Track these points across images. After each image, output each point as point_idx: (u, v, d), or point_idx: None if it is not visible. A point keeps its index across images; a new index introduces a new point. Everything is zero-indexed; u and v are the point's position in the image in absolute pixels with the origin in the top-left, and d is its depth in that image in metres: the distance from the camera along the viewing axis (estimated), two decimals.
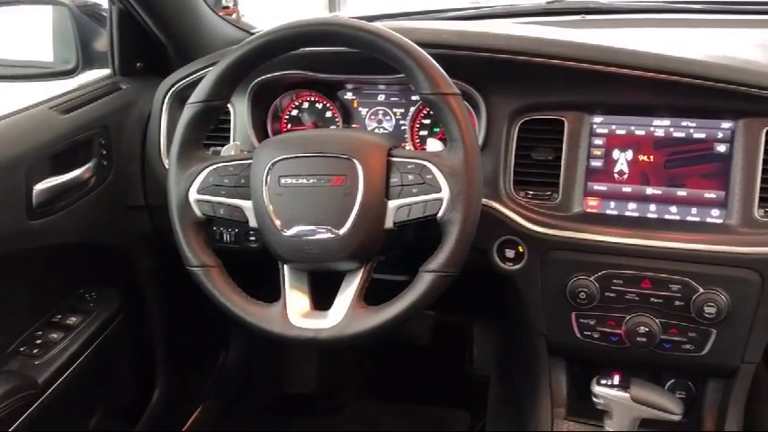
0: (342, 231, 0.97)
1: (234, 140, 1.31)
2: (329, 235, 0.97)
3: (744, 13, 1.45)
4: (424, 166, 0.97)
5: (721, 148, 1.09)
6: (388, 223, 0.98)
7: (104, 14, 1.39)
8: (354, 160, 0.97)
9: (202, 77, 1.05)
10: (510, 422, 1.46)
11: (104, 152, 1.30)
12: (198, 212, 1.04)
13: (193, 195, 1.04)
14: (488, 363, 1.81)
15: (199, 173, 1.04)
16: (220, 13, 1.52)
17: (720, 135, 1.09)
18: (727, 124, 1.09)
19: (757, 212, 1.07)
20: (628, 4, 1.55)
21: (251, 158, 1.04)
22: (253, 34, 1.12)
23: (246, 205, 1.03)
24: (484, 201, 1.13)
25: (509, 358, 1.54)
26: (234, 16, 1.73)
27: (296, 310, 1.01)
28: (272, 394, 2.00)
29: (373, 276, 1.05)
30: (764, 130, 1.06)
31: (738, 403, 1.16)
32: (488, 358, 1.82)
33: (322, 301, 1.04)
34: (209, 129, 1.08)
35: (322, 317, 1.00)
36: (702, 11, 1.48)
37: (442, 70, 0.96)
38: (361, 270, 1.01)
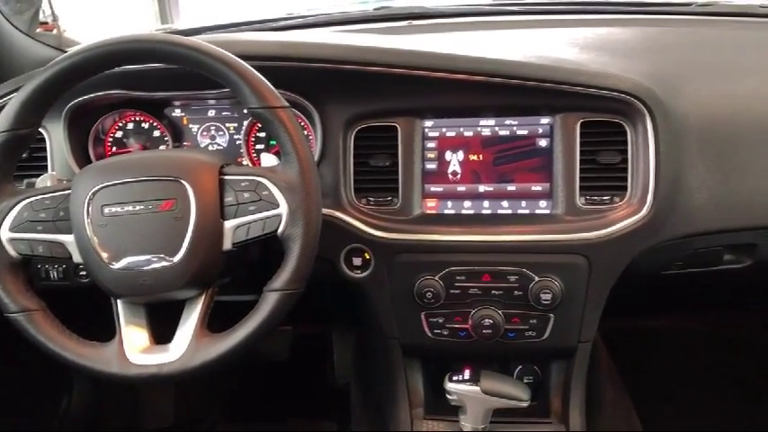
0: (176, 258, 0.92)
1: (51, 170, 1.20)
2: (163, 264, 0.92)
3: (559, 14, 1.54)
4: (259, 182, 0.94)
5: (543, 142, 1.16)
6: (227, 245, 0.94)
7: None
8: (183, 182, 0.93)
9: (6, 104, 0.95)
10: (372, 427, 1.46)
11: None
12: (13, 253, 0.95)
13: (6, 234, 0.95)
14: (349, 370, 1.81)
15: (10, 209, 0.95)
16: (39, 29, 1.39)
17: (541, 131, 1.16)
18: (545, 120, 1.16)
19: (579, 201, 1.14)
20: (453, 9, 1.60)
21: (69, 188, 0.96)
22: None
23: (68, 240, 0.95)
24: (326, 211, 1.13)
25: (367, 364, 1.55)
26: (54, 32, 1.59)
27: (134, 347, 0.95)
28: None
29: (220, 299, 1.01)
30: (579, 124, 1.13)
31: (579, 381, 1.24)
32: (349, 366, 1.82)
33: (163, 333, 0.98)
34: (18, 159, 0.98)
35: (164, 350, 0.94)
36: (522, 12, 1.57)
37: (268, 83, 0.94)
38: (203, 296, 0.97)
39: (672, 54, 1.28)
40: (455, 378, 1.13)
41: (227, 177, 0.95)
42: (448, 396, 1.14)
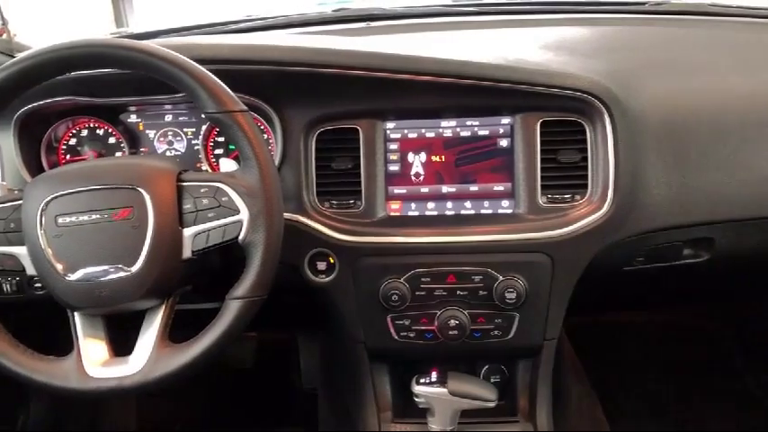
0: (135, 268, 0.90)
1: (1, 180, 1.16)
2: (121, 274, 0.90)
3: (518, 14, 1.55)
4: (219, 188, 0.93)
5: (504, 142, 1.16)
6: (186, 253, 0.92)
7: None
8: (140, 189, 0.91)
9: None
10: None
11: None
12: None
13: None
14: (316, 375, 1.79)
15: None
16: None
17: (502, 131, 1.16)
18: (506, 120, 1.16)
19: (541, 200, 1.15)
20: (412, 10, 1.60)
21: (21, 198, 0.93)
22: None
23: (21, 252, 0.92)
24: (289, 216, 1.11)
25: (334, 368, 1.54)
26: (4, 36, 1.54)
27: (93, 360, 0.92)
28: None
29: (182, 308, 0.99)
30: (539, 123, 1.14)
31: (546, 378, 1.25)
32: (316, 371, 1.80)
33: (123, 345, 0.96)
34: None
35: (124, 363, 0.92)
36: (480, 12, 1.57)
37: (226, 87, 0.92)
38: (163, 306, 0.95)
39: (628, 53, 1.30)
40: (422, 381, 1.12)
41: (185, 184, 0.93)
42: (415, 399, 1.14)
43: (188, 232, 0.92)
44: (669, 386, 1.81)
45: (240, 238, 0.91)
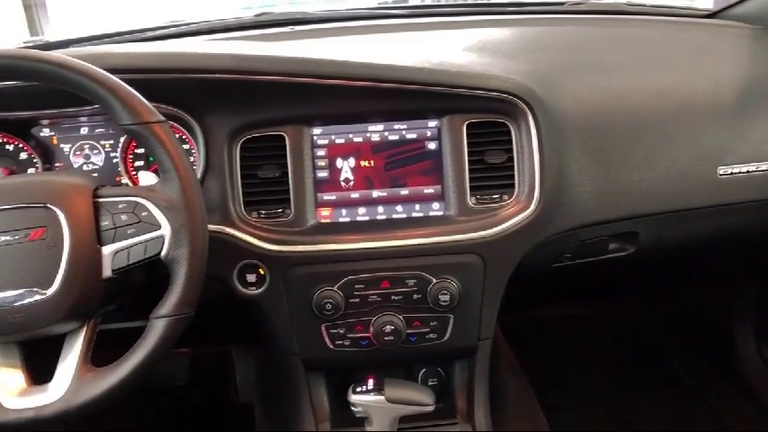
0: (50, 291, 0.85)
1: None
2: (36, 297, 0.85)
3: (441, 16, 1.56)
4: (138, 203, 0.89)
5: (432, 145, 1.16)
6: (107, 272, 0.88)
7: None
8: (53, 208, 0.86)
9: None
10: None
11: None
12: None
13: None
14: (252, 388, 1.75)
15: None
16: None
17: (429, 134, 1.16)
18: (433, 123, 1.16)
19: (470, 201, 1.15)
20: (336, 13, 1.58)
21: None
22: None
23: None
24: (215, 227, 1.08)
25: (270, 380, 1.51)
26: None
27: (9, 390, 0.87)
28: None
29: (107, 328, 0.95)
30: (465, 125, 1.15)
31: (482, 377, 1.26)
32: (252, 383, 1.76)
33: (43, 372, 0.90)
34: None
35: (43, 391, 0.87)
36: (404, 15, 1.57)
37: (141, 97, 0.89)
38: (84, 329, 0.90)
39: (549, 53, 1.32)
40: (359, 389, 1.11)
41: (101, 200, 0.89)
42: (353, 408, 1.12)
43: (107, 250, 0.88)
44: (604, 378, 1.86)
45: (163, 253, 0.88)
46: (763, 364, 1.73)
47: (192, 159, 1.13)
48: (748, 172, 1.25)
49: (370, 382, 1.12)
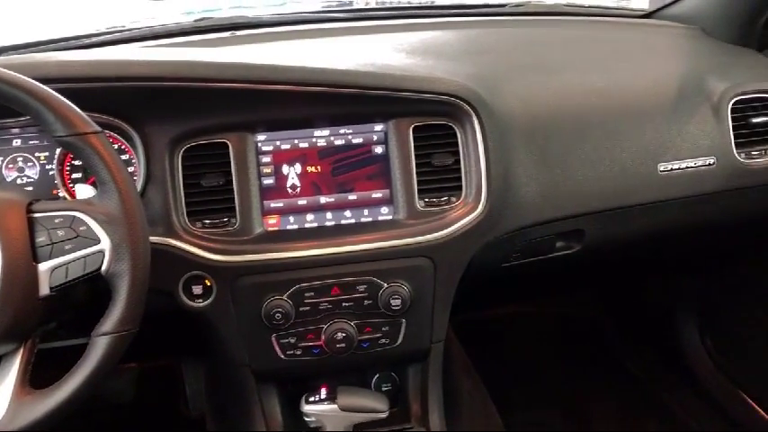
0: None
1: None
2: None
3: (385, 19, 1.56)
4: (75, 217, 0.85)
5: (379, 149, 1.16)
6: (44, 290, 0.84)
7: None
8: None
9: None
10: None
11: None
12: None
13: None
14: (203, 400, 1.72)
15: None
16: None
17: (375, 138, 1.15)
18: (379, 127, 1.15)
19: (419, 204, 1.15)
20: (277, 17, 1.56)
21: None
22: None
23: None
24: (158, 239, 1.05)
25: (221, 393, 1.48)
26: None
27: None
28: None
29: (47, 347, 0.91)
30: (411, 128, 1.14)
31: (436, 380, 1.26)
32: (202, 396, 1.73)
33: None
34: None
35: None
36: (347, 19, 1.56)
37: (75, 107, 0.85)
38: (21, 350, 0.86)
39: (492, 55, 1.33)
40: (311, 399, 1.10)
41: (36, 215, 0.85)
42: (306, 419, 1.11)
43: (44, 267, 0.84)
44: (557, 375, 1.88)
45: (103, 269, 0.85)
46: (707, 355, 1.78)
47: (131, 170, 1.10)
48: (687, 168, 1.28)
49: (323, 391, 1.11)
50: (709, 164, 1.29)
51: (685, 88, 1.33)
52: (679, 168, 1.28)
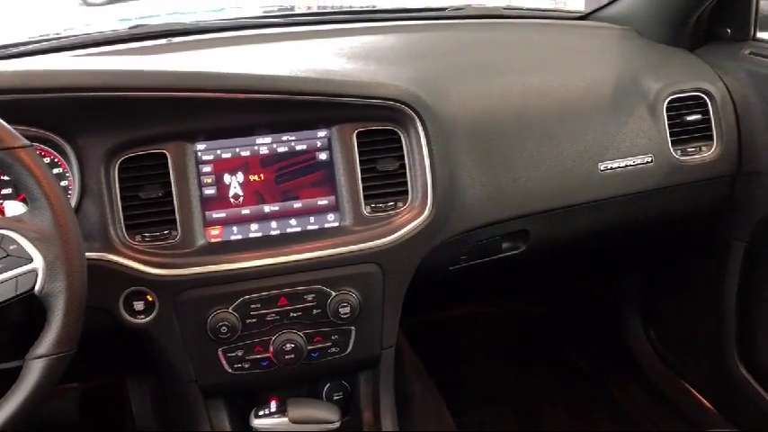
0: None
1: None
2: None
3: (325, 24, 1.54)
4: (4, 235, 0.82)
5: (323, 155, 1.14)
6: None
7: None
8: None
9: None
10: None
11: None
12: None
13: None
14: (150, 418, 1.67)
15: None
16: None
17: (319, 144, 1.14)
18: (322, 133, 1.14)
19: (365, 210, 1.14)
20: (215, 24, 1.53)
21: None
22: None
23: None
24: (95, 255, 1.01)
25: (169, 409, 1.44)
26: None
27: None
28: None
29: None
30: (355, 134, 1.13)
31: (387, 386, 1.25)
32: (149, 413, 1.68)
33: None
34: None
35: None
36: (286, 24, 1.54)
37: (1, 121, 0.82)
38: None
39: (433, 58, 1.33)
40: (261, 413, 1.07)
41: None
42: None
43: None
44: (508, 374, 1.90)
45: (36, 288, 0.81)
46: (651, 347, 1.83)
47: (65, 183, 1.06)
48: (626, 166, 1.31)
49: (273, 404, 1.08)
50: (648, 162, 1.32)
51: (622, 88, 1.35)
52: (619, 167, 1.30)
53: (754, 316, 1.50)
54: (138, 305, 1.06)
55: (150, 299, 1.05)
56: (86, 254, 0.87)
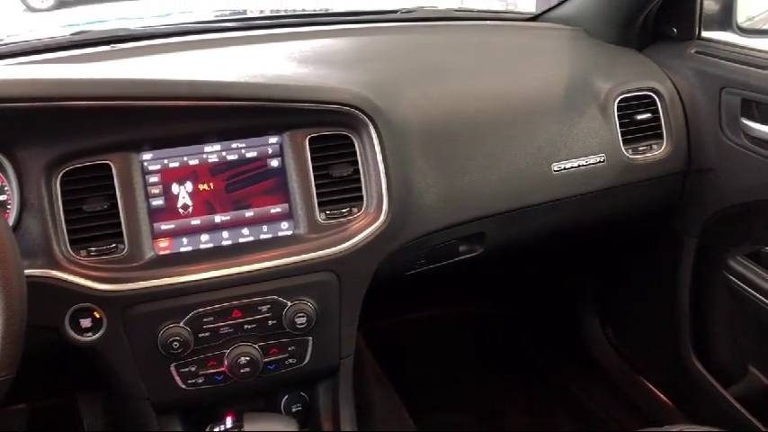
0: None
1: None
2: None
3: (274, 27, 1.51)
4: None
5: (274, 162, 1.12)
6: None
7: None
8: None
9: None
10: None
11: None
12: None
13: None
14: None
15: None
16: None
17: (270, 151, 1.12)
18: (273, 139, 1.11)
19: (320, 217, 1.12)
20: (161, 29, 1.48)
21: None
22: None
23: None
24: (38, 272, 0.97)
25: (122, 426, 1.39)
26: None
27: None
28: None
29: None
30: (307, 140, 1.11)
31: (347, 395, 1.23)
32: (102, 430, 1.63)
33: None
34: None
35: None
36: (234, 28, 1.51)
37: None
38: None
39: (385, 62, 1.32)
40: (216, 429, 1.04)
41: None
42: None
43: None
44: (469, 376, 1.90)
45: None
46: (608, 344, 1.84)
47: (4, 198, 1.01)
48: (579, 166, 1.31)
49: (229, 420, 1.05)
50: (600, 161, 1.33)
51: (573, 88, 1.36)
52: (572, 167, 1.31)
53: (708, 311, 1.52)
54: (86, 322, 1.02)
55: (98, 315, 1.02)
56: (28, 271, 0.84)
